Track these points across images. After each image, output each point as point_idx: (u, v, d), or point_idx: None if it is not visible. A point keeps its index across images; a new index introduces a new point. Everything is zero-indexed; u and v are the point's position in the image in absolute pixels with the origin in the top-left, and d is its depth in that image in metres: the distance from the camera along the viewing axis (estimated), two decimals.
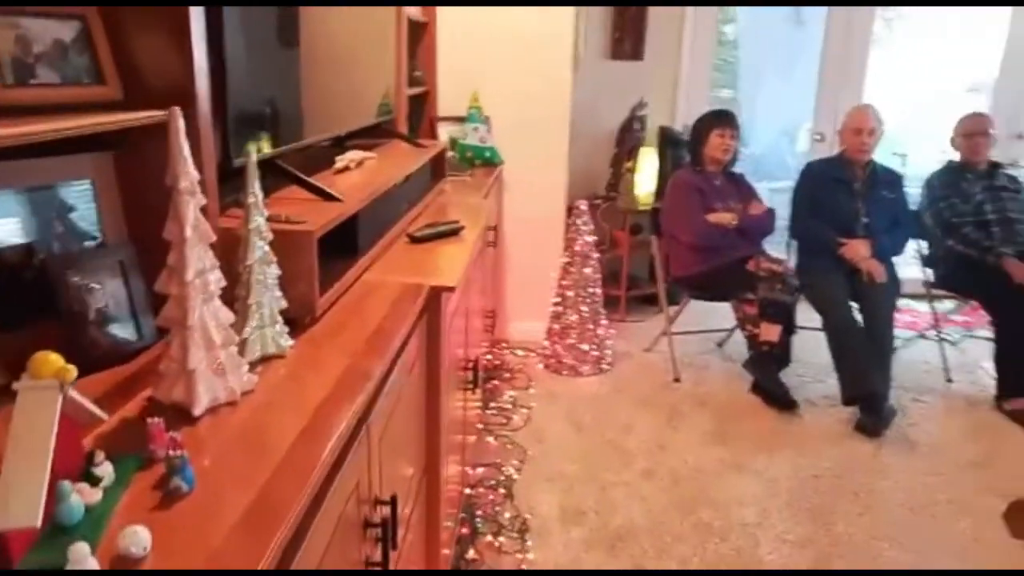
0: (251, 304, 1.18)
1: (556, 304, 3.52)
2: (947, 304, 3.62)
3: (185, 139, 0.98)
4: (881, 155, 3.58)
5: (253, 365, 1.16)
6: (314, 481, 0.91)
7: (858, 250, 3.30)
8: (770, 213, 3.48)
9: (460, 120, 3.52)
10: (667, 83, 4.43)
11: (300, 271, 1.34)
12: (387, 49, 2.57)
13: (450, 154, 3.29)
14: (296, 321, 1.33)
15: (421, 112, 3.52)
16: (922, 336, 3.76)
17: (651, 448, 2.85)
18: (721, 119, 3.52)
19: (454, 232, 2.10)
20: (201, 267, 1.01)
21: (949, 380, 3.50)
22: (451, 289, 1.66)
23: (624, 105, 4.27)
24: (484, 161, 3.47)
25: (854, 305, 3.22)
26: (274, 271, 1.23)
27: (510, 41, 3.50)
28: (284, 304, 1.25)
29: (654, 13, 4.31)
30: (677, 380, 3.44)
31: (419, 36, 3.42)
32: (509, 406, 3.13)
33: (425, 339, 1.67)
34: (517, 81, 3.55)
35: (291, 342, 1.26)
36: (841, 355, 3.12)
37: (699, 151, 3.54)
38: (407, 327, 1.43)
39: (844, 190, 3.45)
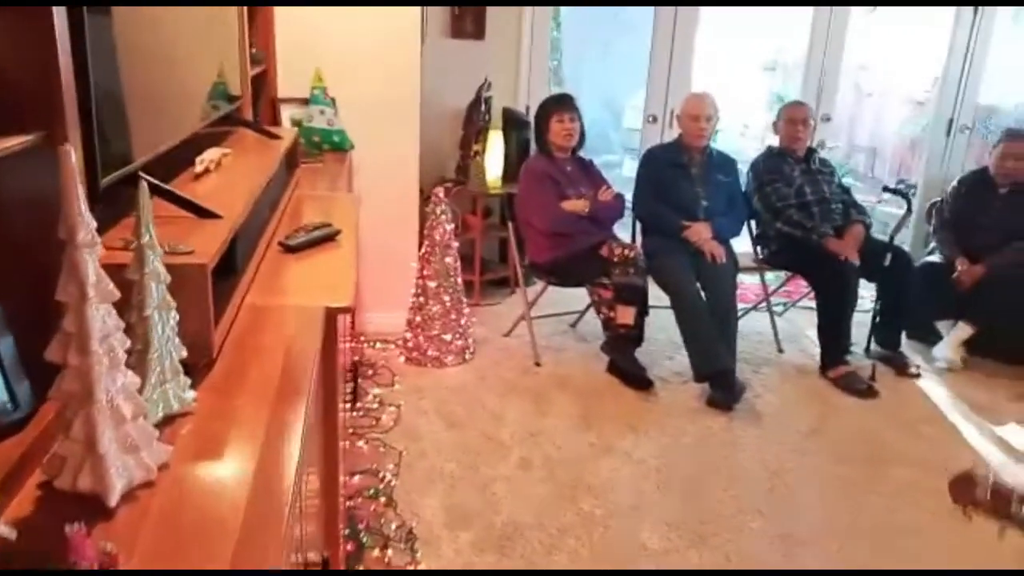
0: (151, 359, 1.02)
1: (417, 295, 3.43)
2: (770, 276, 3.92)
3: (79, 181, 0.81)
4: None
5: (158, 428, 1.01)
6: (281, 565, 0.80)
7: (700, 233, 3.49)
8: (619, 198, 3.58)
9: (303, 102, 3.29)
10: (509, 63, 4.41)
11: (193, 310, 1.18)
12: (227, 25, 2.32)
13: None
14: (192, 367, 1.17)
15: (259, 94, 3.26)
16: (754, 308, 4.06)
17: (524, 437, 2.87)
18: (560, 104, 3.55)
19: (330, 237, 1.96)
20: (106, 331, 0.85)
21: (780, 350, 3.82)
22: (348, 310, 1.55)
23: (469, 86, 4.21)
24: (333, 146, 3.27)
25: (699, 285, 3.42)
26: (173, 317, 1.07)
27: (352, 12, 3.31)
28: (184, 352, 1.09)
29: None
30: (538, 364, 3.49)
31: (254, 9, 3.15)
32: (376, 405, 3.02)
33: (321, 363, 1.55)
34: (362, 57, 3.37)
35: (194, 394, 1.11)
36: (691, 334, 3.29)
37: (543, 138, 3.56)
38: (314, 362, 1.31)
39: (684, 175, 3.63)
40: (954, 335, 3.74)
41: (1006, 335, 3.66)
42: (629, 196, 3.71)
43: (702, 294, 3.37)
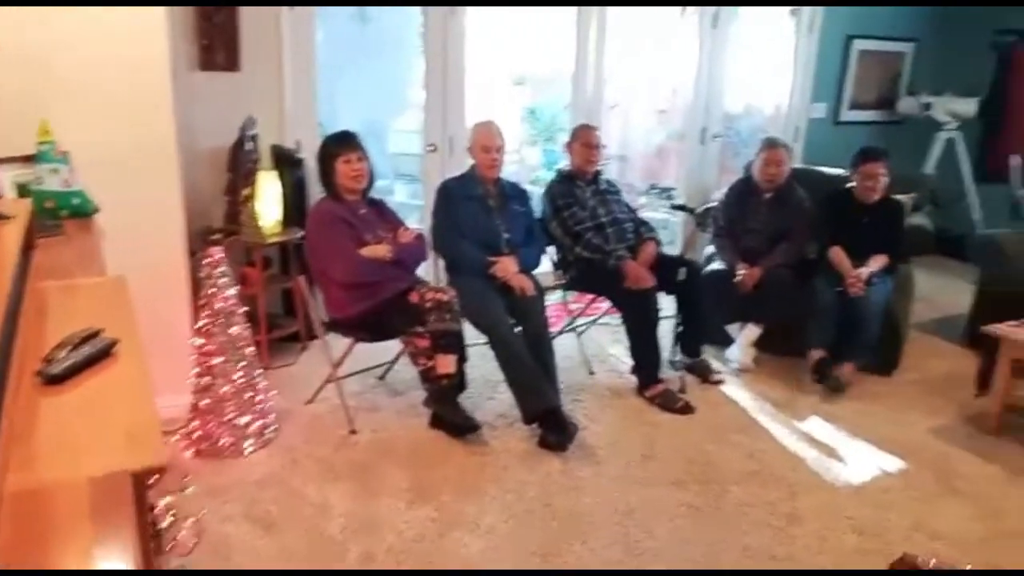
0: None
1: (200, 375, 2.92)
2: (562, 294, 3.90)
3: None
4: None
5: None
6: None
7: (507, 267, 3.35)
8: (420, 238, 3.34)
9: (28, 160, 2.65)
10: (271, 96, 3.97)
11: None
12: None
13: None
14: None
15: None
16: (560, 332, 4.01)
17: (358, 528, 2.52)
18: (343, 144, 3.22)
19: (105, 352, 1.50)
20: None
21: (591, 372, 3.80)
22: (162, 470, 1.15)
23: (228, 125, 3.72)
24: (73, 211, 2.65)
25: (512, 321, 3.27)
26: None
27: (83, 48, 2.75)
28: None
29: (247, 18, 3.79)
30: (354, 432, 3.13)
31: None
32: (169, 520, 2.49)
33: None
34: (99, 100, 2.82)
35: None
36: (513, 375, 3.14)
37: (330, 182, 3.22)
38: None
39: (482, 208, 3.47)
40: (744, 337, 3.96)
41: (785, 331, 3.93)
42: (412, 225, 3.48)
43: (516, 330, 3.24)
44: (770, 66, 5.84)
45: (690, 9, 5.30)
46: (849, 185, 4.02)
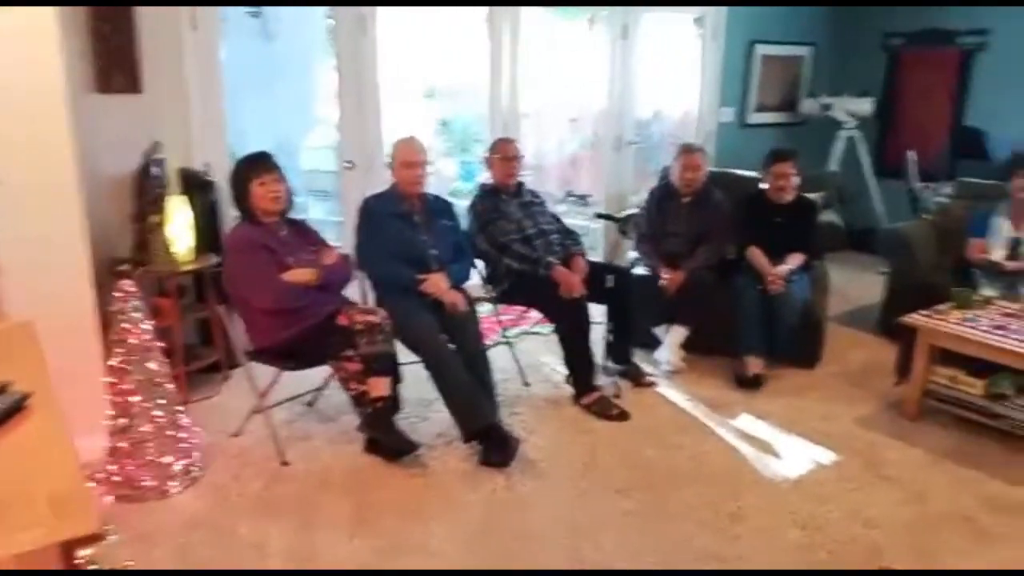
0: None
1: (116, 416, 2.74)
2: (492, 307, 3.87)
3: None
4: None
5: None
6: None
7: (438, 284, 3.29)
8: (345, 258, 3.24)
9: None
10: (177, 118, 3.78)
11: None
12: None
13: None
14: None
15: None
16: (493, 345, 3.97)
17: (299, 565, 2.41)
18: (257, 166, 3.08)
19: (16, 408, 1.38)
20: None
21: (527, 384, 3.78)
22: (97, 537, 1.05)
23: (131, 149, 3.53)
24: None
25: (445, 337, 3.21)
26: None
27: None
28: None
29: (147, 39, 3.59)
30: (286, 463, 3.00)
31: None
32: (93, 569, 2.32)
33: None
34: None
35: None
36: (450, 394, 3.07)
37: (246, 206, 3.08)
38: None
39: (408, 225, 3.40)
40: (671, 339, 4.01)
41: (710, 330, 4.00)
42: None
43: (451, 347, 3.18)
44: (678, 73, 5.99)
45: (599, 20, 5.37)
46: (763, 186, 4.14)
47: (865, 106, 6.06)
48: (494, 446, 3.00)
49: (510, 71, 4.94)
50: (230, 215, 3.40)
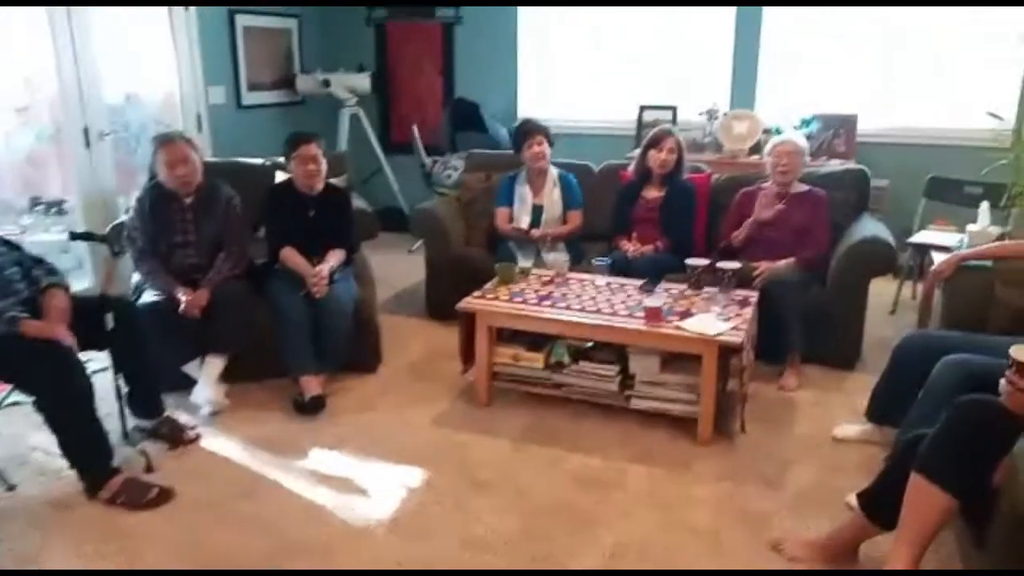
0: None
1: None
2: None
3: None
4: None
5: None
6: None
7: None
8: None
9: None
10: None
11: None
12: None
13: None
14: None
15: None
16: None
17: None
18: None
19: None
20: None
21: (11, 487, 2.65)
22: None
23: None
24: None
25: None
26: None
27: None
28: None
29: None
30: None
31: None
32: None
33: None
34: None
35: None
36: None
37: None
38: None
39: None
40: (207, 373, 3.24)
41: (252, 352, 3.35)
42: None
43: None
44: (149, 47, 5.01)
45: None
46: (283, 176, 3.59)
47: (364, 81, 5.88)
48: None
49: None
50: None
